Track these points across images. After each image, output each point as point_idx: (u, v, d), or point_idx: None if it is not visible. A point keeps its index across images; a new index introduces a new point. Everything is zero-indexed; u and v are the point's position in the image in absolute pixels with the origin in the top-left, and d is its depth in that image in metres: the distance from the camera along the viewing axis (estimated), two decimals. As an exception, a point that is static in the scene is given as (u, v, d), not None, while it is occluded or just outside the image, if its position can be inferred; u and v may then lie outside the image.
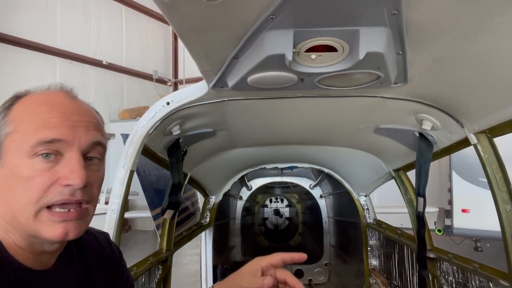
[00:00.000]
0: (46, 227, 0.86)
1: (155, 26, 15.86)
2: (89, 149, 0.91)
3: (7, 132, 0.88)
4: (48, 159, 0.86)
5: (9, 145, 0.87)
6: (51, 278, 0.97)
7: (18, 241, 0.91)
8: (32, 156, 0.85)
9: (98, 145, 0.94)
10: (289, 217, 9.02)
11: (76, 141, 0.89)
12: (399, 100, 1.86)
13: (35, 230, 0.87)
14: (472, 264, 2.24)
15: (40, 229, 0.86)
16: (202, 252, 4.24)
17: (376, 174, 3.40)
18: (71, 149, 0.88)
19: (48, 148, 0.85)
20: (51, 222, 0.86)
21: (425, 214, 2.63)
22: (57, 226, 0.86)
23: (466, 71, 1.47)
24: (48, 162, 0.86)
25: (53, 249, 0.95)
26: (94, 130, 0.94)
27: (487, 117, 1.75)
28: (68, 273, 1.03)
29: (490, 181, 1.90)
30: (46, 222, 0.86)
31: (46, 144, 0.85)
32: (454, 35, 1.22)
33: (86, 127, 0.91)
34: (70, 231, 0.88)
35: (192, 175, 3.12)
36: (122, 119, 13.22)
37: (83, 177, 0.86)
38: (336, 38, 1.19)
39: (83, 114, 0.93)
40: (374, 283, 3.90)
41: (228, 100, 1.86)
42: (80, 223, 0.91)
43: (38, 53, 11.20)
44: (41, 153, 0.85)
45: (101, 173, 0.96)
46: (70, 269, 1.04)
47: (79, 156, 0.88)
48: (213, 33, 1.17)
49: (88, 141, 0.91)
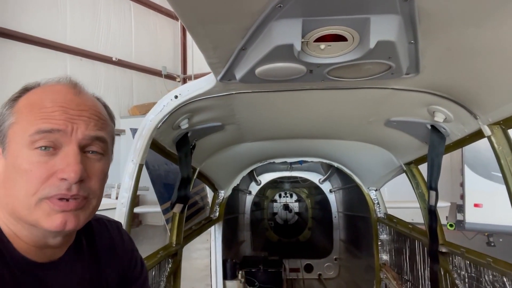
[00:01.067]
0: (45, 217, 0.86)
1: (164, 22, 15.89)
2: (88, 143, 0.91)
3: (10, 123, 0.89)
4: (46, 151, 0.86)
5: (11, 136, 0.88)
6: (56, 269, 0.96)
7: (21, 234, 0.91)
8: (31, 147, 0.86)
9: (98, 140, 0.93)
10: (299, 212, 9.00)
11: (74, 134, 0.88)
12: (411, 92, 1.82)
13: (35, 220, 0.87)
14: (485, 259, 2.20)
15: (39, 219, 0.86)
16: (212, 247, 4.26)
17: (387, 168, 3.36)
18: (68, 142, 0.88)
19: (46, 139, 0.86)
20: (51, 211, 0.86)
21: (437, 209, 2.59)
22: (56, 216, 0.86)
23: (480, 61, 1.43)
24: (45, 154, 0.86)
25: (56, 242, 0.94)
26: (94, 125, 0.93)
27: (501, 108, 1.71)
28: (75, 264, 1.02)
29: (504, 173, 1.86)
30: (46, 211, 0.86)
31: (44, 133, 0.85)
32: (468, 23, 1.18)
33: (86, 122, 0.91)
34: (69, 221, 0.88)
35: (201, 169, 3.12)
36: (132, 115, 13.32)
37: (78, 171, 0.86)
38: (346, 27, 1.16)
39: (84, 109, 0.92)
40: (385, 277, 3.87)
41: (236, 93, 1.84)
42: (80, 214, 0.90)
43: (49, 50, 11.31)
44: (40, 144, 0.85)
45: (102, 165, 0.95)
46: (78, 261, 1.04)
47: (76, 150, 0.88)
48: (220, 24, 1.16)
49: (86, 135, 0.90)
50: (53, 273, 0.95)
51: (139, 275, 1.26)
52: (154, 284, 2.43)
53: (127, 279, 1.21)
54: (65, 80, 0.96)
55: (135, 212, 2.49)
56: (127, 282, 1.21)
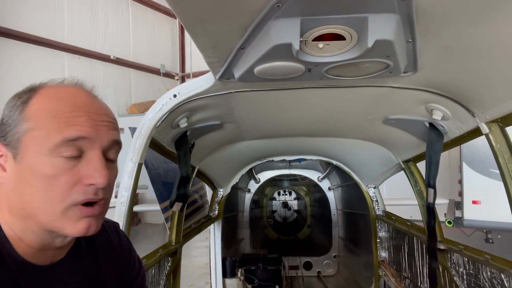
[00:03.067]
0: (71, 223, 0.87)
1: (162, 20, 15.85)
2: (109, 147, 0.92)
3: (26, 129, 0.86)
4: (70, 157, 0.85)
5: (28, 142, 0.85)
6: (57, 272, 0.96)
7: (27, 237, 0.90)
8: (55, 155, 0.84)
9: (116, 144, 0.94)
10: (298, 210, 9.03)
11: (99, 139, 0.88)
12: (409, 90, 1.83)
13: (59, 227, 0.87)
14: (484, 255, 2.22)
15: (65, 226, 0.87)
16: (211, 245, 4.27)
17: (385, 165, 3.37)
18: (93, 148, 0.87)
19: (73, 147, 0.85)
20: (78, 218, 0.87)
21: (435, 206, 2.61)
22: (81, 221, 0.87)
23: (478, 59, 1.43)
24: (70, 160, 0.85)
25: (64, 243, 0.95)
26: (113, 129, 0.94)
27: (499, 106, 1.71)
28: (75, 265, 1.03)
29: (502, 171, 1.87)
30: (73, 218, 0.86)
31: (71, 142, 0.84)
32: (465, 21, 1.18)
33: (107, 126, 0.92)
34: (92, 226, 0.89)
35: (200, 168, 3.13)
36: (130, 114, 13.30)
37: (107, 177, 0.87)
38: (344, 26, 1.16)
39: (104, 114, 0.93)
40: (384, 274, 3.88)
41: (235, 92, 1.85)
42: (100, 219, 0.92)
43: (46, 48, 11.28)
44: (66, 153, 0.84)
45: (116, 171, 0.97)
46: (77, 263, 1.04)
47: (101, 155, 0.88)
48: (219, 23, 1.16)
49: (109, 140, 0.91)
50: (54, 275, 0.95)
51: (137, 275, 1.26)
52: (154, 282, 2.44)
53: (125, 279, 1.21)
54: (73, 81, 0.95)
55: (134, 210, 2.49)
56: (126, 282, 1.21)
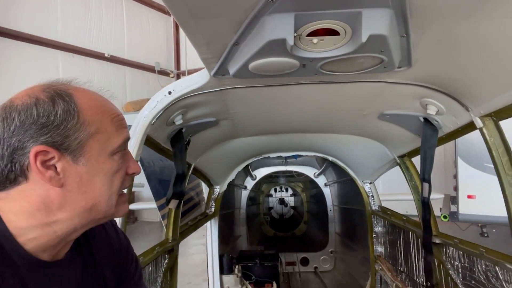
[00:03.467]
0: (122, 208, 1.04)
1: (156, 17, 15.76)
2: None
3: (90, 133, 0.94)
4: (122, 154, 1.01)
5: (93, 144, 0.94)
6: (60, 268, 0.99)
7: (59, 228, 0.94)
8: (115, 153, 0.98)
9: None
10: (294, 206, 9.05)
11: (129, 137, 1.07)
12: (403, 85, 1.83)
13: (113, 212, 1.02)
14: (478, 249, 2.24)
15: (118, 210, 1.03)
16: (208, 242, 4.27)
17: (381, 161, 3.39)
18: (127, 144, 1.04)
19: (124, 145, 1.01)
20: (124, 202, 1.05)
21: (431, 201, 2.62)
22: (125, 204, 1.06)
23: (471, 53, 1.44)
24: (121, 157, 1.01)
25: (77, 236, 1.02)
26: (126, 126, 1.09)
27: (492, 100, 1.72)
28: (76, 262, 1.05)
29: (496, 164, 1.89)
30: (121, 203, 1.03)
31: (125, 143, 1.02)
32: (459, 16, 1.19)
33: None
34: (128, 207, 1.09)
35: (196, 165, 3.12)
36: (126, 112, 13.24)
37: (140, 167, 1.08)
38: (338, 21, 1.16)
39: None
40: (380, 269, 3.91)
41: (229, 88, 1.84)
42: None
43: (40, 47, 11.18)
44: (122, 150, 1.00)
45: None
46: (78, 259, 1.06)
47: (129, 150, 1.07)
48: (212, 19, 1.15)
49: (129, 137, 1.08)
50: (58, 272, 0.98)
51: (135, 272, 1.28)
52: (151, 280, 2.44)
53: (123, 275, 1.23)
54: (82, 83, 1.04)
55: (130, 209, 2.49)
56: (123, 278, 1.23)
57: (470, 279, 2.34)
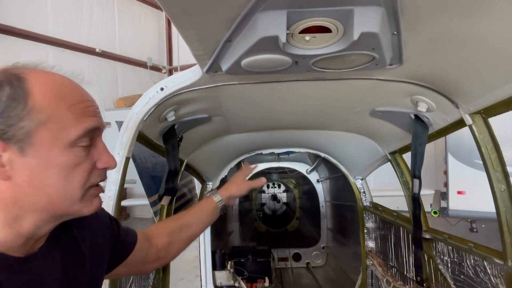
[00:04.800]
0: (88, 204, 0.95)
1: (148, 12, 15.62)
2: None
3: (39, 121, 0.84)
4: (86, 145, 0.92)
5: (44, 134, 0.85)
6: (36, 261, 0.95)
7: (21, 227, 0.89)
8: (74, 145, 0.89)
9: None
10: (287, 202, 9.08)
11: (101, 127, 0.97)
12: (395, 82, 1.85)
13: (77, 210, 0.94)
14: (467, 244, 2.27)
15: (83, 208, 0.95)
16: (200, 238, 4.27)
17: (372, 157, 3.42)
18: (99, 135, 0.96)
19: (88, 136, 0.92)
20: (93, 197, 0.97)
21: (421, 197, 2.65)
22: (95, 200, 0.98)
23: (461, 51, 1.46)
24: (86, 149, 0.92)
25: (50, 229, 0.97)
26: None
27: (482, 97, 1.75)
28: (54, 253, 1.01)
29: (485, 161, 1.92)
30: (89, 199, 0.95)
31: (89, 133, 0.91)
32: (450, 14, 1.20)
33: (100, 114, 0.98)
34: (100, 202, 1.00)
35: (188, 161, 3.12)
36: (117, 108, 13.13)
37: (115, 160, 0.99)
38: (330, 19, 1.17)
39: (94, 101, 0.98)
40: (371, 264, 3.95)
41: (222, 85, 1.84)
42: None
43: (30, 41, 11.03)
44: (85, 143, 0.91)
45: None
46: (56, 249, 1.02)
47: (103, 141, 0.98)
48: (205, 15, 1.15)
49: (104, 127, 0.99)
50: (32, 266, 0.94)
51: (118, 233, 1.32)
52: (143, 276, 2.44)
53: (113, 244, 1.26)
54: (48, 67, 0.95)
55: (122, 205, 2.48)
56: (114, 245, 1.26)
57: (459, 274, 2.38)
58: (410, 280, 3.15)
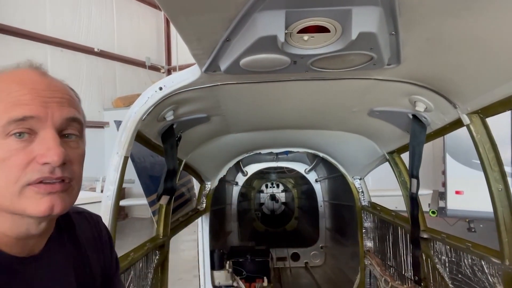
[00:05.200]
0: (31, 203, 0.84)
1: (146, 12, 15.60)
2: (64, 125, 0.89)
3: None
4: (21, 138, 0.83)
5: None
6: (39, 263, 0.94)
7: (2, 227, 0.88)
8: (5, 136, 0.82)
9: (74, 121, 0.91)
10: (285, 202, 9.09)
11: (50, 117, 0.86)
12: (393, 82, 1.86)
13: (21, 209, 0.84)
14: (465, 243, 2.28)
15: (26, 207, 0.84)
16: (199, 238, 4.28)
17: (371, 157, 3.42)
18: (44, 126, 0.85)
19: (21, 127, 0.83)
20: (37, 195, 0.84)
21: (420, 197, 2.66)
22: (43, 200, 0.84)
23: (459, 51, 1.46)
24: (22, 141, 0.83)
25: (40, 230, 0.92)
26: (68, 106, 0.90)
27: (479, 97, 1.76)
28: (57, 256, 1.01)
29: (482, 161, 1.92)
30: (32, 197, 0.84)
31: (17, 122, 0.82)
32: (447, 14, 1.21)
33: (59, 103, 0.88)
34: (56, 204, 0.85)
35: (187, 161, 3.12)
36: (115, 107, 13.11)
37: (60, 154, 0.84)
38: (329, 19, 1.17)
39: (55, 90, 0.89)
40: (369, 264, 3.96)
41: (221, 84, 1.85)
42: (65, 197, 0.88)
43: (28, 41, 11.00)
44: (14, 132, 0.82)
45: (80, 150, 0.94)
46: (60, 253, 1.02)
47: (54, 133, 0.85)
48: (203, 15, 1.15)
49: (62, 117, 0.88)
50: (35, 267, 0.93)
51: (114, 274, 1.25)
52: (142, 275, 2.43)
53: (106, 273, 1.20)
54: (25, 64, 0.92)
55: (121, 205, 2.48)
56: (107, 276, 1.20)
57: (456, 273, 2.39)
58: (408, 279, 3.16)
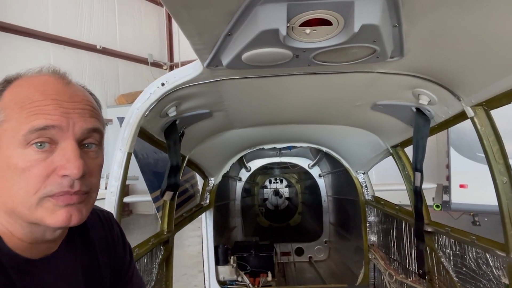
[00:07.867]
0: (49, 214, 0.84)
1: (148, 8, 15.60)
2: (84, 136, 0.88)
3: None
4: (42, 148, 0.83)
5: (1, 135, 0.84)
6: (50, 264, 0.95)
7: (17, 232, 0.89)
8: (26, 146, 0.82)
9: (95, 132, 0.91)
10: (289, 197, 9.11)
11: (71, 128, 0.85)
12: (396, 75, 1.84)
13: (38, 219, 0.85)
14: (469, 236, 2.27)
15: (43, 217, 0.84)
16: (203, 233, 4.29)
17: (374, 151, 3.41)
18: (65, 137, 0.84)
19: (42, 136, 0.82)
20: (55, 207, 0.84)
21: (424, 191, 2.65)
22: (60, 211, 0.84)
23: (462, 43, 1.45)
24: (43, 152, 0.83)
25: (55, 236, 0.93)
26: (90, 116, 0.90)
27: (483, 89, 1.74)
28: (68, 257, 1.01)
29: (487, 153, 1.91)
30: (50, 208, 0.84)
31: (38, 131, 0.82)
32: (450, 5, 1.19)
33: (81, 114, 0.88)
34: (74, 215, 0.86)
35: (190, 157, 3.12)
36: (118, 104, 13.15)
37: (80, 167, 0.83)
38: (331, 11, 1.16)
39: (77, 101, 0.89)
40: (373, 258, 3.96)
41: (223, 79, 1.84)
42: (82, 208, 0.89)
43: (31, 39, 11.03)
44: (35, 142, 0.82)
45: (99, 160, 0.94)
46: (71, 254, 1.03)
47: (74, 145, 0.85)
48: (205, 9, 1.15)
49: (83, 128, 0.87)
50: (47, 268, 0.94)
51: (129, 267, 1.26)
52: (147, 271, 2.45)
53: (118, 270, 1.21)
54: (48, 69, 0.92)
55: (125, 201, 2.49)
56: (119, 273, 1.21)
57: (461, 266, 2.39)
58: (412, 273, 3.16)
